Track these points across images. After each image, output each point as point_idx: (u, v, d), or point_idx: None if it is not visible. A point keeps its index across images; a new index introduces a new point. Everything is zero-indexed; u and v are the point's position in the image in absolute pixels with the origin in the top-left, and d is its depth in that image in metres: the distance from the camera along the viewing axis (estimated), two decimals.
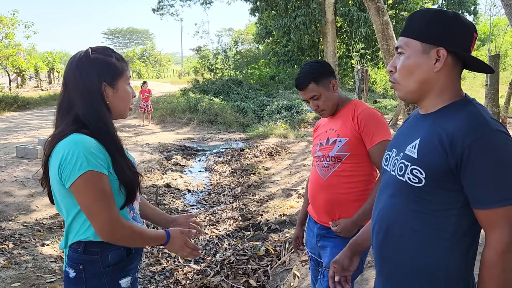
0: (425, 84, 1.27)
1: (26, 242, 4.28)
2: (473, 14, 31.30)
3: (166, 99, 17.33)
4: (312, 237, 2.21)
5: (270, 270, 3.67)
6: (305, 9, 19.86)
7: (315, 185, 2.13)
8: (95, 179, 1.38)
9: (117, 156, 1.49)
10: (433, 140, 1.23)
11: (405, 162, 1.29)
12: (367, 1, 8.34)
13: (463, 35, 1.24)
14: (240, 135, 12.55)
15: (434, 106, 1.29)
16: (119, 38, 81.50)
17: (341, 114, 2.10)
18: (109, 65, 1.51)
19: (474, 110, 1.21)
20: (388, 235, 1.35)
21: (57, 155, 1.41)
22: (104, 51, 1.54)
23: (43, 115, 16.03)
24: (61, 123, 1.49)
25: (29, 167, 7.15)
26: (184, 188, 6.87)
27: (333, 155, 2.03)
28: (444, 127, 1.21)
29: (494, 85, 8.60)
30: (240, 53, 27.00)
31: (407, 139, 1.34)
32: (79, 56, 1.52)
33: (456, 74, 1.28)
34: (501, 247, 1.15)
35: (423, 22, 1.26)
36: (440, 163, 1.19)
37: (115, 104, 1.55)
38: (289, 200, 5.63)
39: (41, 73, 27.01)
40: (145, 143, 10.38)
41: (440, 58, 1.23)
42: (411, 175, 1.26)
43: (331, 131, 2.10)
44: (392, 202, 1.35)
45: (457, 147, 1.16)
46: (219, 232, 4.80)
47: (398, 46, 1.32)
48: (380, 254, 1.40)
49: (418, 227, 1.28)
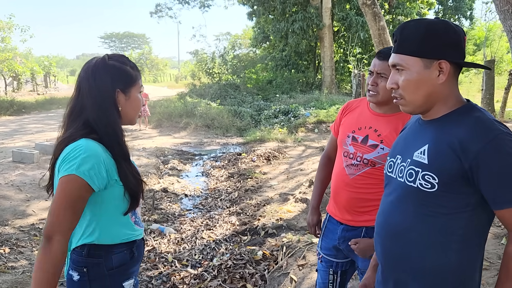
0: (432, 96, 1.30)
1: (22, 246, 4.27)
2: (469, 19, 31.55)
3: (163, 103, 17.33)
4: (332, 239, 2.11)
5: (267, 275, 3.67)
6: (302, 14, 19.93)
7: (340, 182, 2.03)
8: (73, 185, 1.39)
9: (123, 163, 1.51)
10: (443, 146, 1.25)
11: (414, 168, 1.30)
12: (364, 7, 8.39)
13: (458, 43, 1.27)
14: (237, 139, 12.55)
15: (438, 113, 1.32)
16: (115, 42, 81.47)
17: (391, 119, 1.92)
18: (123, 73, 1.55)
19: (481, 115, 1.25)
20: (396, 240, 1.37)
21: (62, 155, 1.44)
22: (120, 59, 1.58)
23: (40, 119, 16.00)
24: (71, 126, 1.51)
25: (26, 171, 7.13)
26: (181, 192, 6.86)
27: (370, 158, 1.91)
28: (453, 132, 1.24)
29: (490, 90, 8.67)
30: (237, 57, 27.05)
31: (413, 145, 1.36)
32: (95, 62, 1.55)
33: (456, 80, 1.32)
34: None
35: (418, 38, 1.27)
36: (453, 167, 1.22)
37: (126, 111, 1.58)
38: (286, 204, 5.64)
39: (38, 77, 26.95)
40: (142, 147, 10.36)
41: (443, 70, 1.26)
42: (423, 181, 1.27)
43: (372, 131, 1.94)
44: (400, 208, 1.36)
45: (469, 151, 1.19)
46: (216, 236, 4.80)
47: (395, 63, 1.32)
48: (388, 260, 1.41)
49: (427, 231, 1.30)
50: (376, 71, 1.90)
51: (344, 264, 2.15)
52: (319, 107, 14.96)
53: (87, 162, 1.39)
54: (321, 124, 12.61)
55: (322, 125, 12.55)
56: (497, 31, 24.35)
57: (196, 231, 5.01)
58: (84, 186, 1.40)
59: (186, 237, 4.82)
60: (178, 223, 5.34)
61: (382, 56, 1.88)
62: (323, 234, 2.21)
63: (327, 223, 2.19)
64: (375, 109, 1.99)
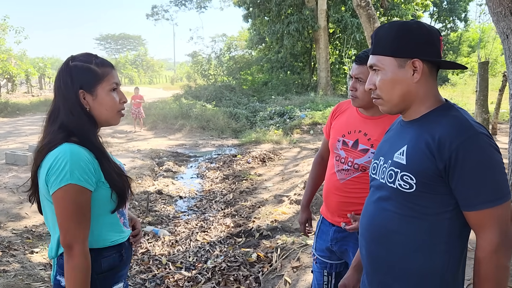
0: (407, 95, 1.31)
1: (15, 249, 4.23)
2: (464, 21, 31.71)
3: (158, 105, 17.28)
4: (325, 240, 2.12)
5: (262, 277, 3.66)
6: (297, 16, 19.96)
7: (330, 186, 2.04)
8: (73, 193, 1.38)
9: (104, 161, 1.49)
10: (420, 146, 1.25)
11: (394, 169, 1.31)
12: (358, 8, 8.41)
13: (431, 41, 1.29)
14: (233, 141, 12.54)
15: (418, 113, 1.33)
16: (111, 44, 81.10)
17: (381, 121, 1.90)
18: (86, 72, 1.50)
19: (458, 115, 1.25)
20: (380, 243, 1.36)
21: (46, 164, 1.42)
22: (84, 58, 1.53)
23: (34, 121, 15.90)
24: (49, 130, 1.49)
25: (19, 173, 7.08)
26: (175, 194, 6.84)
27: (360, 163, 1.91)
28: (431, 132, 1.24)
29: (484, 91, 8.69)
30: (233, 59, 27.04)
31: (394, 146, 1.36)
32: (62, 65, 1.54)
33: (433, 79, 1.32)
34: (493, 247, 1.18)
35: (391, 38, 1.30)
36: (429, 167, 1.22)
37: (96, 111, 1.53)
38: (281, 206, 5.63)
39: (32, 79, 26.82)
40: (137, 149, 10.33)
41: (417, 69, 1.27)
42: (401, 181, 1.27)
43: (361, 135, 1.94)
44: (384, 209, 1.36)
45: (445, 151, 1.19)
46: (210, 238, 4.78)
47: (372, 64, 1.34)
48: (372, 262, 1.40)
49: (410, 233, 1.29)
50: (354, 75, 1.91)
51: (338, 266, 2.15)
52: (315, 109, 14.98)
53: (77, 168, 1.38)
54: (316, 126, 12.62)
55: (318, 126, 12.55)
56: (491, 33, 24.49)
57: (191, 233, 4.99)
58: (83, 191, 1.39)
59: (180, 239, 4.79)
60: (172, 225, 5.32)
61: (359, 60, 1.88)
62: (317, 235, 2.21)
63: (320, 225, 2.19)
64: (363, 112, 1.99)
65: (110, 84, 1.54)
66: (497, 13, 3.51)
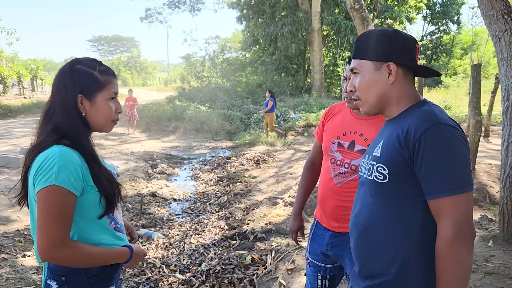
0: (383, 96, 1.41)
1: (6, 253, 4.18)
2: (457, 23, 31.96)
3: (151, 107, 17.24)
4: (320, 244, 2.10)
5: (256, 279, 3.65)
6: (291, 18, 20.01)
7: (326, 190, 2.02)
8: (57, 195, 1.35)
9: (94, 166, 1.47)
10: (392, 138, 1.34)
11: (372, 162, 1.40)
12: (352, 11, 8.44)
13: (406, 48, 1.40)
14: (227, 143, 12.52)
15: (395, 111, 1.42)
16: (104, 46, 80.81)
17: (376, 121, 1.90)
18: (88, 77, 1.50)
19: (427, 109, 1.33)
20: (365, 236, 1.43)
21: (35, 165, 1.40)
22: (89, 63, 1.53)
23: (26, 123, 15.78)
24: (43, 131, 1.48)
25: (11, 176, 7.01)
26: (169, 197, 6.81)
27: (358, 164, 1.88)
28: (402, 125, 1.33)
29: (476, 93, 8.73)
30: (227, 61, 27.04)
31: (375, 143, 1.46)
32: (65, 65, 1.53)
33: (409, 82, 1.42)
34: (449, 236, 1.20)
35: (370, 44, 1.42)
36: (398, 157, 1.30)
37: (92, 117, 1.53)
38: (275, 208, 5.62)
39: (24, 81, 26.60)
40: (130, 151, 10.28)
41: (391, 72, 1.38)
42: (377, 173, 1.36)
43: (357, 136, 1.93)
44: (367, 203, 1.43)
45: (410, 140, 1.27)
46: (204, 241, 4.76)
47: (352, 67, 1.47)
48: (360, 256, 1.46)
49: (388, 223, 1.35)
50: (347, 77, 1.91)
51: (333, 269, 2.14)
52: (309, 111, 15.03)
53: (64, 170, 1.36)
54: (311, 128, 12.65)
55: (312, 128, 12.59)
56: (484, 36, 24.70)
57: (185, 235, 4.96)
58: (67, 195, 1.36)
59: (174, 242, 4.77)
60: (166, 228, 5.29)
61: None
62: (311, 239, 2.19)
63: (314, 229, 2.17)
64: (357, 113, 1.99)
65: (110, 93, 1.54)
66: (489, 16, 3.53)
